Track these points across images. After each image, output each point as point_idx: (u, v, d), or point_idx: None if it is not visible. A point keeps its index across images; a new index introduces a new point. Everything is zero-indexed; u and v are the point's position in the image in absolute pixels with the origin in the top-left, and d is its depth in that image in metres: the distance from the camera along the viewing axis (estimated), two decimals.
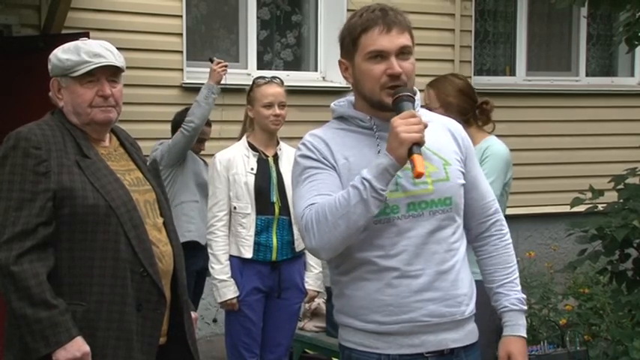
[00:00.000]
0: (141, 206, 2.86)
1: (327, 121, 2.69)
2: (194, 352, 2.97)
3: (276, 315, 4.59)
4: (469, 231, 2.68)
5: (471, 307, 2.58)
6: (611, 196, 5.10)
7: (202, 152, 5.76)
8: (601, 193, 5.01)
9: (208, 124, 5.64)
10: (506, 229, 2.71)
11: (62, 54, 2.85)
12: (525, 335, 2.65)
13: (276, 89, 4.56)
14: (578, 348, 5.06)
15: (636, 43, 5.23)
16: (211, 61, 5.46)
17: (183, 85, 6.99)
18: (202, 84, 6.91)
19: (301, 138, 2.63)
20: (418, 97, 2.64)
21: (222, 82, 5.45)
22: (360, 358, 2.55)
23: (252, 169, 4.47)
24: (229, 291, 4.45)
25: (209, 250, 4.55)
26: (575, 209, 5.06)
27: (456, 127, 2.69)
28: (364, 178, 2.36)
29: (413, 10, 2.69)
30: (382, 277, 2.48)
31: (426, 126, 2.39)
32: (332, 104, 2.67)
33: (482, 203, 2.66)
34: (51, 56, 2.88)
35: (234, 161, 4.49)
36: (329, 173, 2.50)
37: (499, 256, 2.67)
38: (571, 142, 8.58)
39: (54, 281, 2.69)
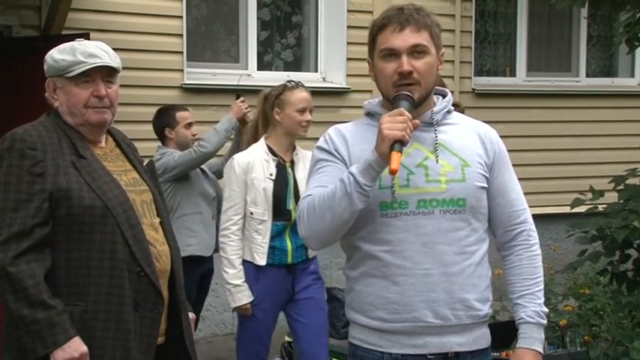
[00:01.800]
0: (137, 206, 2.86)
1: (327, 122, 2.72)
2: (192, 352, 2.97)
3: (304, 314, 4.46)
4: (496, 239, 2.66)
5: (483, 311, 2.56)
6: (612, 197, 5.10)
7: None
8: (601, 193, 5.02)
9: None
10: (534, 239, 2.66)
11: (57, 54, 2.85)
12: (540, 350, 2.58)
13: (307, 95, 4.48)
14: (578, 349, 5.05)
15: (636, 43, 5.23)
16: (238, 97, 5.36)
17: (184, 86, 6.99)
18: (202, 85, 7.00)
19: (300, 139, 2.65)
20: (449, 98, 2.64)
21: (227, 83, 5.40)
22: (363, 355, 2.56)
23: (271, 174, 4.35)
24: (244, 296, 4.34)
25: (222, 254, 4.43)
26: (576, 210, 5.06)
27: (487, 131, 2.65)
28: (350, 173, 2.39)
29: None
30: (388, 274, 2.49)
31: (416, 126, 2.39)
32: (364, 102, 2.69)
33: (509, 211, 2.62)
34: (47, 57, 2.88)
35: (253, 165, 4.35)
36: (337, 166, 2.52)
37: (522, 266, 2.62)
38: (571, 142, 8.58)
39: (51, 282, 2.69)
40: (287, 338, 6.08)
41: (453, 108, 2.65)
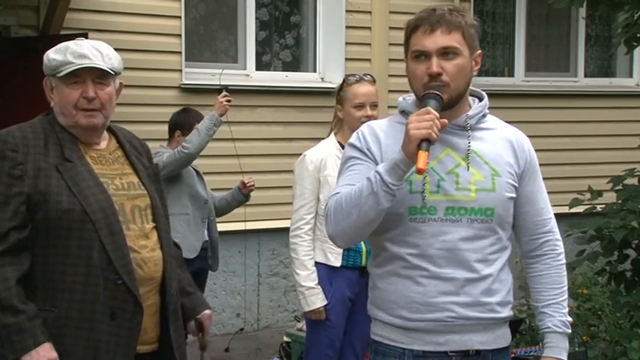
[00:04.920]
0: (126, 211, 2.79)
1: (326, 122, 2.70)
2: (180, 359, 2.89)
3: (361, 323, 4.19)
4: (521, 246, 2.68)
5: (504, 314, 2.58)
6: (610, 197, 5.11)
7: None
8: (599, 193, 5.02)
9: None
10: (560, 249, 2.68)
11: (52, 54, 2.81)
12: (565, 358, 2.63)
13: (368, 88, 4.18)
14: (576, 349, 5.05)
15: (635, 44, 5.24)
16: (220, 91, 5.32)
17: (182, 86, 6.99)
18: (201, 85, 7.00)
19: (299, 139, 2.64)
20: (485, 101, 2.62)
21: (225, 83, 5.38)
22: (385, 351, 2.58)
23: None
24: (317, 299, 4.13)
25: (292, 255, 4.22)
26: (574, 210, 5.07)
27: (519, 139, 2.64)
28: (377, 172, 2.39)
29: (411, 11, 2.68)
30: (412, 275, 2.50)
31: (443, 125, 2.37)
32: (399, 98, 2.68)
33: (536, 219, 2.64)
34: (44, 55, 2.85)
35: (326, 162, 4.15)
36: (367, 165, 2.51)
37: (549, 275, 2.65)
38: (569, 142, 8.59)
39: (29, 285, 2.65)
40: (286, 338, 6.08)
41: (488, 111, 2.63)
